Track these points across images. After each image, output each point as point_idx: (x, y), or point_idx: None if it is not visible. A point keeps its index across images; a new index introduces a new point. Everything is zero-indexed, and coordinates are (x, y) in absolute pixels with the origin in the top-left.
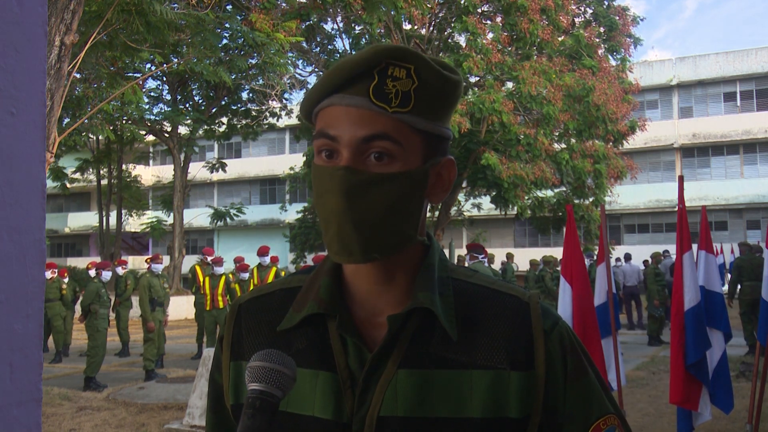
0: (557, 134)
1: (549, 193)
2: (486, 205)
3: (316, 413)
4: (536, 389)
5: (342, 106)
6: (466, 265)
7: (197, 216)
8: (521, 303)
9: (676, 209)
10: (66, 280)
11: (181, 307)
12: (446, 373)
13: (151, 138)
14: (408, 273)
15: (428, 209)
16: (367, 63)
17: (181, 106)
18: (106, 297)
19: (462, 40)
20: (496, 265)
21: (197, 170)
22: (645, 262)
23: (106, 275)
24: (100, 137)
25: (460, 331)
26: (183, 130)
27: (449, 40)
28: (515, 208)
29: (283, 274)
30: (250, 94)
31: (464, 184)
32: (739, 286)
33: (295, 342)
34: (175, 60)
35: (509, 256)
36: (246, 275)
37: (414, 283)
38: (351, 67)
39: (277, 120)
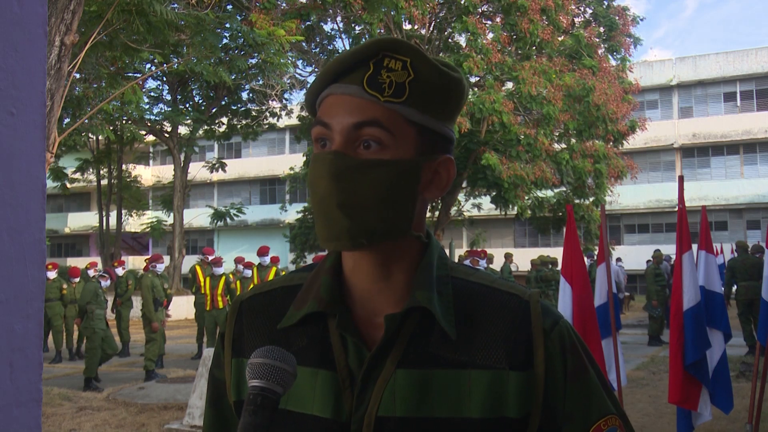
0: (557, 134)
1: (549, 193)
2: (486, 205)
3: (315, 412)
4: (535, 389)
5: (337, 95)
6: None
7: (197, 216)
8: (521, 302)
9: (676, 209)
10: (77, 280)
11: (181, 307)
12: (445, 372)
13: (151, 138)
14: (407, 271)
15: (428, 208)
16: (364, 54)
17: (181, 106)
18: (103, 297)
19: (462, 40)
20: (497, 266)
21: (197, 170)
22: (648, 261)
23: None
24: (100, 137)
25: (459, 330)
26: (183, 130)
27: (449, 40)
28: (515, 208)
29: (283, 274)
30: (250, 94)
31: (464, 184)
32: (734, 287)
33: (295, 340)
34: (175, 60)
35: (507, 256)
36: (249, 272)
37: (413, 282)
38: (348, 57)
39: (277, 120)
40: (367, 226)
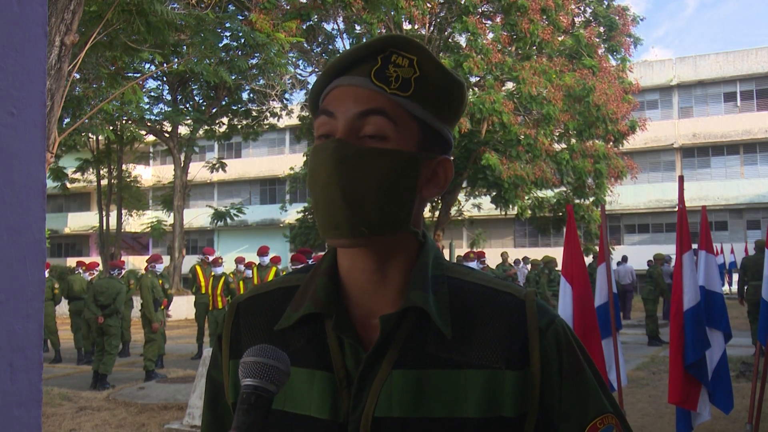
0: (557, 134)
1: (549, 193)
2: (486, 205)
3: (312, 413)
4: (532, 388)
5: (344, 86)
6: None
7: (197, 216)
8: (517, 301)
9: (676, 209)
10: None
11: (181, 307)
12: (441, 372)
13: (151, 138)
14: (402, 271)
15: (427, 208)
16: (372, 49)
17: (181, 106)
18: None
19: (462, 40)
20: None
21: (197, 170)
22: (649, 262)
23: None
24: (100, 137)
25: (455, 330)
26: (183, 130)
27: (449, 40)
28: (515, 208)
29: (283, 274)
30: (251, 95)
31: (464, 184)
32: (746, 286)
33: (292, 341)
34: (175, 60)
35: (507, 256)
36: (250, 272)
37: (408, 282)
38: (356, 51)
39: (278, 120)
40: (368, 216)
